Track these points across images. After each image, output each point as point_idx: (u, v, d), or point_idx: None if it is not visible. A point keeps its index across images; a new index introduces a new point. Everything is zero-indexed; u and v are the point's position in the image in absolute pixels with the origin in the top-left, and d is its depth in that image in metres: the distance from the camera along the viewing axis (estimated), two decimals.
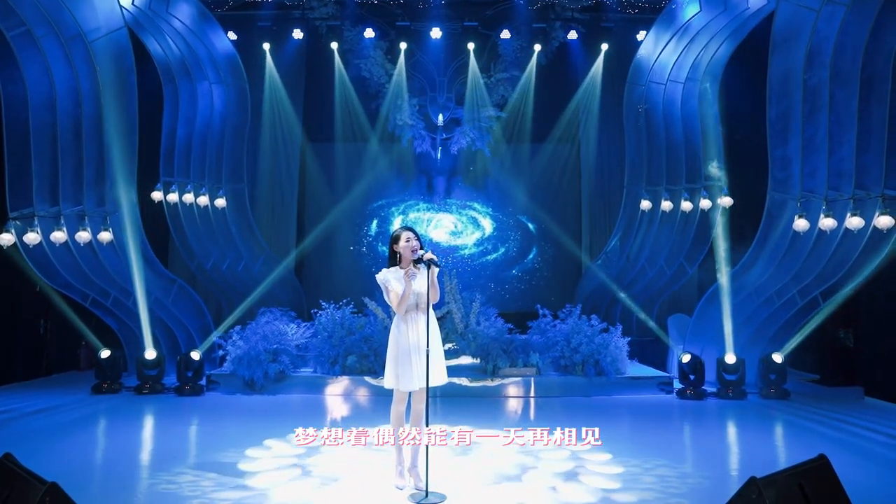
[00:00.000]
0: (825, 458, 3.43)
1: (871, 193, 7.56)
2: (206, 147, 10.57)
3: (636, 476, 5.14)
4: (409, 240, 4.74)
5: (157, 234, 10.06)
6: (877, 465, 5.55)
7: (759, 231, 8.78)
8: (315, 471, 5.23)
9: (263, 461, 5.50)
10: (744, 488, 3.19)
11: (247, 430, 6.59)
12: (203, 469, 5.24)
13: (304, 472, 5.18)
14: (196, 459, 5.56)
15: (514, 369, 8.86)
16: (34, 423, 7.01)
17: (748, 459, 5.72)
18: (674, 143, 10.45)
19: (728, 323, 8.83)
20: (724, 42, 9.60)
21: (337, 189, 12.95)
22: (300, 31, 11.99)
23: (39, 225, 8.26)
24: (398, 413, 4.77)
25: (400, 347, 4.65)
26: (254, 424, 6.89)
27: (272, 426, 6.70)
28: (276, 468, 5.30)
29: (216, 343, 9.13)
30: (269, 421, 7.03)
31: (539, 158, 13.04)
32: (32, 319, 10.11)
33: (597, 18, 12.19)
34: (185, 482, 4.90)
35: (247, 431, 6.55)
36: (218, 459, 5.52)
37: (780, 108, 8.25)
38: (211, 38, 10.09)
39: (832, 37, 7.52)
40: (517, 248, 13.12)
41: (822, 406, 8.03)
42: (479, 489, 4.79)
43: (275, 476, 5.08)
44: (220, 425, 7.04)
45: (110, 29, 8.40)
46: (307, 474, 5.14)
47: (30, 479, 3.13)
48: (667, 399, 8.60)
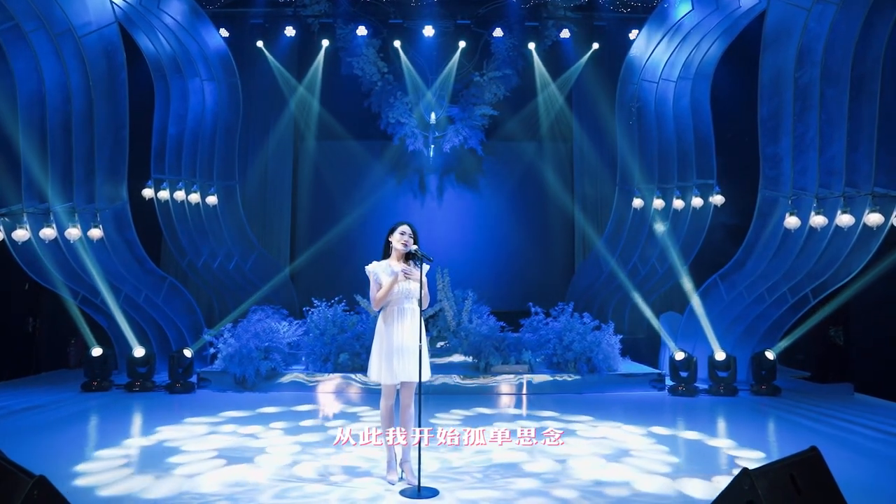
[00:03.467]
0: (816, 451, 3.45)
1: (862, 191, 7.61)
2: (198, 144, 10.51)
3: (628, 470, 5.15)
4: (403, 233, 4.76)
5: (147, 231, 9.99)
6: (867, 460, 5.58)
7: (751, 229, 8.82)
8: (309, 464, 5.20)
9: (259, 457, 5.47)
10: (737, 479, 3.20)
11: (243, 430, 6.56)
12: (193, 465, 5.21)
13: (297, 467, 5.16)
14: (185, 455, 5.52)
15: (506, 367, 8.86)
16: (22, 420, 6.95)
17: (739, 453, 5.73)
18: (666, 142, 10.48)
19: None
20: (716, 41, 9.65)
21: (329, 187, 12.93)
22: (292, 28, 11.97)
23: (28, 222, 8.18)
24: (387, 408, 4.76)
25: (386, 340, 4.65)
26: (246, 422, 6.85)
27: (263, 424, 6.66)
28: (272, 465, 5.27)
29: (207, 341, 9.08)
30: (259, 418, 7.01)
31: (531, 156, 13.06)
32: (21, 317, 10.01)
33: (589, 17, 12.24)
34: (172, 478, 4.87)
35: (243, 431, 6.52)
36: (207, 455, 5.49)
37: (771, 107, 8.29)
38: (202, 34, 10.04)
39: (823, 35, 7.57)
40: (509, 246, 13.12)
41: (812, 402, 8.08)
42: (471, 483, 4.78)
43: (268, 472, 5.05)
44: (213, 422, 6.99)
45: (101, 25, 8.35)
46: (300, 469, 5.11)
47: (17, 473, 3.10)
48: (659, 396, 8.63)
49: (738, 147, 10.23)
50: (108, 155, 8.74)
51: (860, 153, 7.60)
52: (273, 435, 6.29)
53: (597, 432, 6.46)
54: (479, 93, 12.41)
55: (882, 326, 8.45)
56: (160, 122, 10.08)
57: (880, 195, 7.50)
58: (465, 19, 12.18)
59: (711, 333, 8.92)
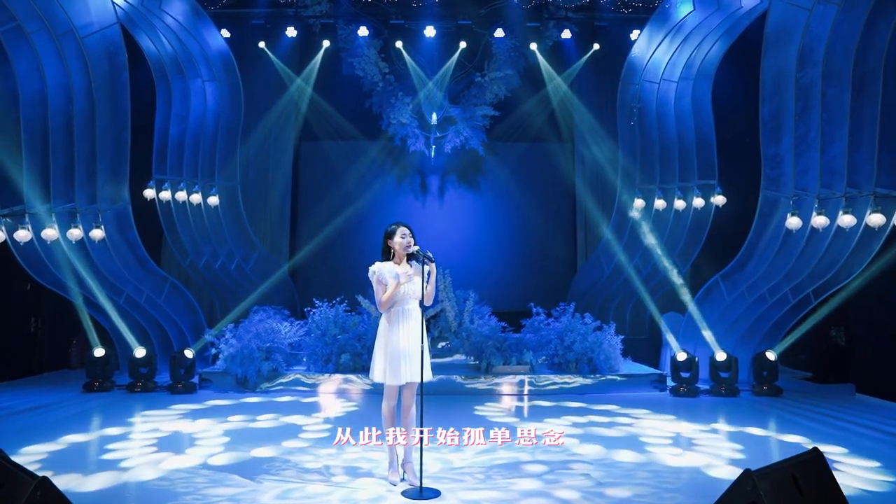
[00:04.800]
0: (819, 452, 3.46)
1: (863, 191, 7.60)
2: (199, 145, 10.52)
3: (630, 471, 5.16)
4: (403, 235, 4.75)
5: (149, 232, 10.00)
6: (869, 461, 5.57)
7: (752, 229, 8.82)
8: (310, 466, 5.21)
9: (257, 457, 5.47)
10: (739, 481, 3.21)
11: (240, 430, 6.56)
12: (195, 466, 5.22)
13: (299, 468, 5.16)
14: (188, 456, 5.53)
15: (507, 367, 8.86)
16: (25, 420, 6.97)
17: (742, 454, 5.73)
18: (667, 142, 10.48)
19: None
20: (718, 41, 9.64)
21: (330, 187, 12.92)
22: (294, 28, 11.96)
23: (30, 222, 8.19)
24: (389, 409, 4.76)
25: (390, 342, 4.65)
26: (248, 423, 6.86)
27: (266, 425, 6.66)
28: (269, 466, 5.28)
29: (209, 341, 9.09)
30: (263, 419, 7.02)
31: (533, 156, 13.05)
32: (24, 317, 10.03)
33: (590, 17, 12.23)
34: (177, 478, 4.88)
35: (240, 431, 6.52)
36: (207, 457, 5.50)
37: (772, 107, 8.29)
38: (204, 35, 10.05)
39: (824, 36, 7.57)
40: (511, 247, 13.12)
41: (814, 403, 8.07)
42: (473, 484, 4.78)
43: (269, 472, 5.06)
44: (211, 423, 7.00)
45: (103, 25, 8.36)
46: (302, 469, 5.12)
47: (20, 474, 3.11)
48: (660, 396, 8.62)
49: (739, 147, 10.21)
50: (109, 156, 8.76)
51: (861, 153, 7.59)
52: (275, 435, 6.29)
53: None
54: (480, 93, 12.41)
55: (883, 327, 8.44)
56: (162, 123, 10.09)
57: (882, 195, 7.50)
58: (467, 20, 12.17)
59: (709, 334, 8.93)
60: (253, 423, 6.85)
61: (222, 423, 6.80)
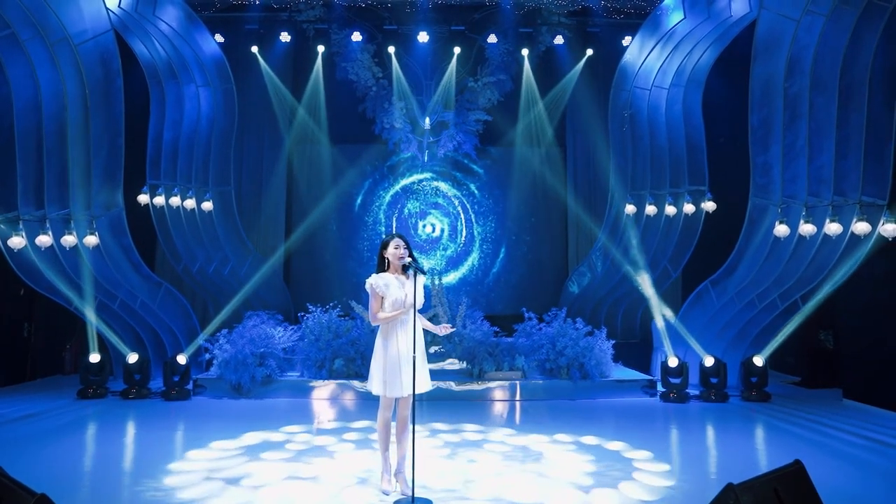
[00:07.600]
0: (800, 464, 3.53)
1: (849, 200, 7.72)
2: (193, 150, 10.55)
3: (617, 479, 5.23)
4: (397, 247, 4.81)
5: (143, 237, 10.02)
6: (853, 468, 5.68)
7: (741, 236, 8.92)
8: (303, 473, 5.27)
9: (256, 465, 5.53)
10: (721, 494, 3.28)
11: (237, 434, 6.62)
12: (191, 474, 5.27)
13: (291, 475, 5.22)
14: (183, 464, 5.57)
15: (499, 373, 8.93)
16: (19, 429, 6.98)
17: (727, 463, 5.83)
18: (658, 148, 10.57)
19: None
20: (708, 49, 9.75)
21: (324, 192, 12.92)
22: (287, 33, 12.01)
23: (24, 229, 8.21)
24: (385, 419, 4.82)
25: (388, 354, 4.71)
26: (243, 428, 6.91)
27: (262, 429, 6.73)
28: (266, 471, 5.34)
29: (203, 346, 9.12)
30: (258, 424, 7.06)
31: (525, 162, 13.11)
32: (17, 323, 10.03)
33: (583, 23, 12.31)
34: (173, 487, 4.93)
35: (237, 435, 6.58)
36: (207, 464, 5.55)
37: (761, 115, 8.39)
38: (198, 40, 10.08)
39: (812, 46, 7.68)
40: (503, 251, 13.18)
41: (801, 408, 8.17)
42: (465, 494, 4.85)
43: (265, 478, 5.12)
44: (206, 429, 7.04)
45: (97, 32, 8.37)
46: (294, 477, 5.18)
47: (18, 491, 3.14)
48: (650, 402, 8.71)
49: (728, 154, 10.31)
50: (103, 162, 8.77)
51: (848, 162, 7.71)
52: (268, 442, 6.35)
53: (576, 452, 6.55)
54: (473, 98, 12.48)
55: (869, 331, 8.56)
56: (156, 128, 10.12)
57: (867, 204, 7.62)
58: (460, 25, 12.24)
59: (693, 340, 9.07)
60: (245, 429, 6.89)
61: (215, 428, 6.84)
